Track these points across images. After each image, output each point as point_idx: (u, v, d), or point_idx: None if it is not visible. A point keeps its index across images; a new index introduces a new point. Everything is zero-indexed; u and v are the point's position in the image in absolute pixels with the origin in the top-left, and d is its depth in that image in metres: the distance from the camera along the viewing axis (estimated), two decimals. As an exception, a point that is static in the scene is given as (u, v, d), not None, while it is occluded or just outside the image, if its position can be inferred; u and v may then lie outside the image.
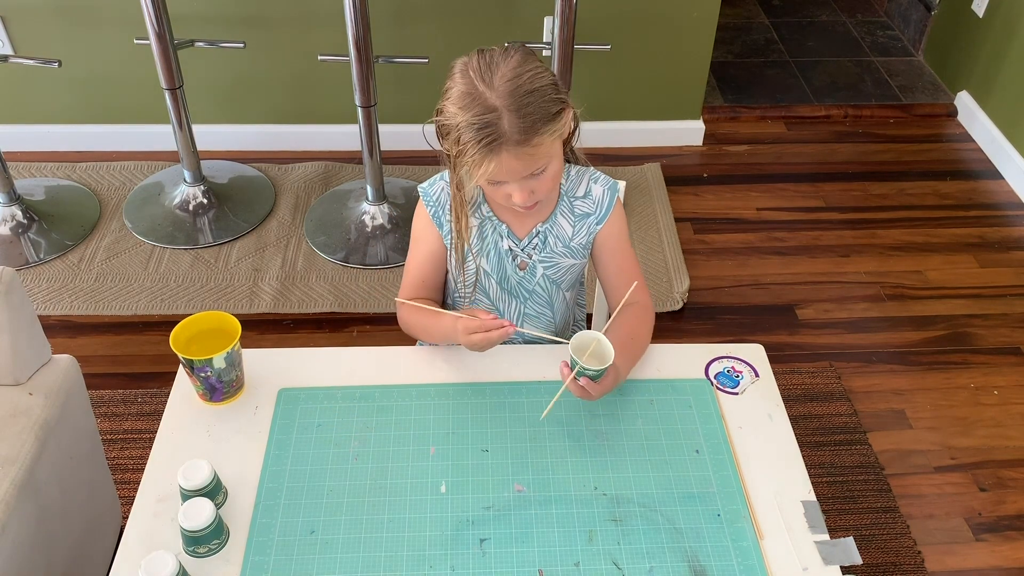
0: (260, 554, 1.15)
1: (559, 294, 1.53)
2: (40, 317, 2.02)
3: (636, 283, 1.40)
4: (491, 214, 1.44)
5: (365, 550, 1.16)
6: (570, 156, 1.46)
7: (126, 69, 2.86)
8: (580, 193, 1.45)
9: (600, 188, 1.45)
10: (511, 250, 1.46)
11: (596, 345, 1.28)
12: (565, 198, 1.45)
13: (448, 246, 1.46)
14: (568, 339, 1.30)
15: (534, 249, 1.46)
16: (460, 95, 1.25)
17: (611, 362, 1.25)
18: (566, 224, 1.45)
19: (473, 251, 1.45)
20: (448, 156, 1.33)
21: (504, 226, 1.44)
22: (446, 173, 1.44)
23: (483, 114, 1.22)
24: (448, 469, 1.25)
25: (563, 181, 1.45)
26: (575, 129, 1.39)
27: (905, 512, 2.04)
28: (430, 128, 1.32)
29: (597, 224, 1.46)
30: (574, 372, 1.26)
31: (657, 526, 1.19)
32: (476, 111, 1.23)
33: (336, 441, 1.29)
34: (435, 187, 1.45)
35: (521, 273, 1.48)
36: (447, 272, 1.52)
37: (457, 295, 1.54)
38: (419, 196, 1.47)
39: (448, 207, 1.43)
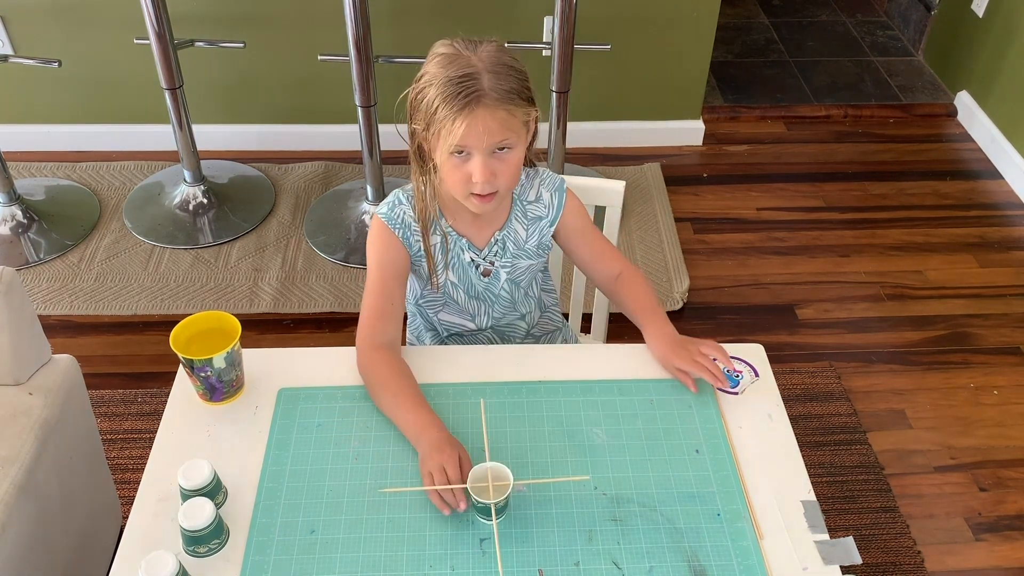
0: (260, 554, 1.15)
1: (519, 291, 1.56)
2: (40, 317, 2.02)
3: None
4: (450, 229, 1.45)
5: (365, 550, 1.16)
6: (529, 160, 1.48)
7: (126, 69, 2.86)
8: (531, 198, 1.49)
9: (548, 192, 1.49)
10: (473, 260, 1.48)
11: (492, 472, 1.18)
12: (518, 202, 1.48)
13: (417, 264, 1.46)
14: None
15: (495, 256, 1.49)
16: (441, 57, 1.28)
17: (511, 482, 1.16)
18: (520, 229, 1.49)
19: (437, 267, 1.47)
20: (415, 143, 1.35)
21: (464, 240, 1.46)
22: (400, 193, 1.44)
23: (464, 69, 1.25)
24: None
25: (515, 187, 1.47)
26: (534, 136, 1.40)
27: (905, 512, 2.04)
28: (404, 126, 1.35)
29: (550, 226, 1.50)
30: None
31: (657, 526, 1.19)
32: (457, 68, 1.26)
33: (336, 441, 1.29)
34: (396, 211, 1.43)
35: (486, 280, 1.50)
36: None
37: (423, 300, 1.55)
38: (379, 218, 1.42)
39: (414, 227, 1.43)
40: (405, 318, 1.59)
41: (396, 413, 1.30)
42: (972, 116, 3.30)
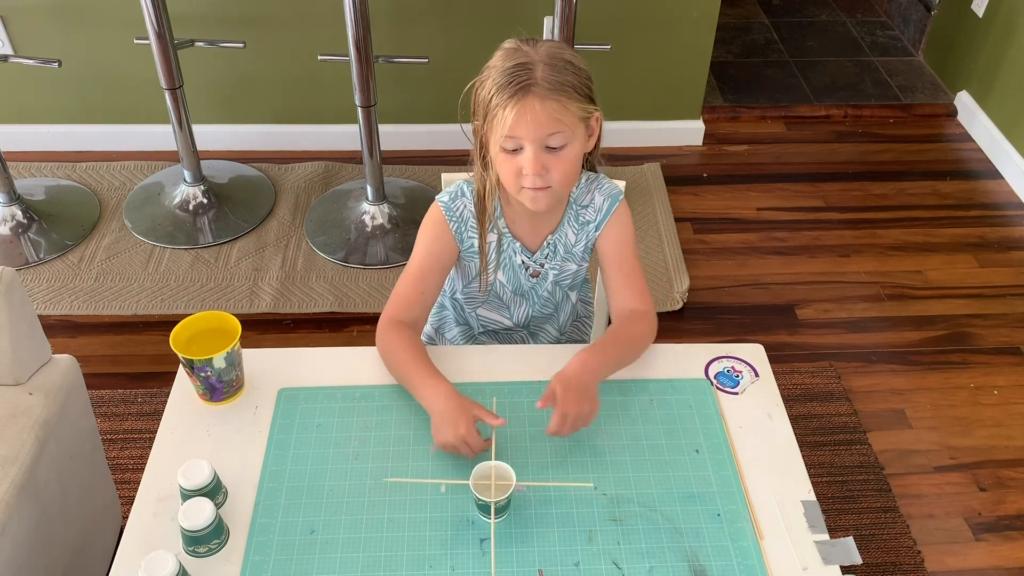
0: (260, 554, 1.15)
1: (563, 294, 1.57)
2: (40, 317, 2.02)
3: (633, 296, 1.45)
4: (506, 230, 1.46)
5: (365, 550, 1.16)
6: (592, 164, 1.48)
7: (126, 69, 2.86)
8: (586, 202, 1.47)
9: (601, 197, 1.47)
10: (524, 263, 1.49)
11: (496, 471, 1.20)
12: (573, 206, 1.47)
13: (467, 260, 1.47)
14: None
15: (546, 259, 1.49)
16: (504, 51, 1.31)
17: (513, 483, 1.17)
18: (571, 232, 1.48)
19: (489, 266, 1.47)
20: (478, 139, 1.35)
21: (517, 243, 1.47)
22: (465, 185, 1.43)
23: (520, 61, 1.27)
24: (448, 469, 1.25)
25: (573, 189, 1.45)
26: (598, 141, 1.40)
27: (905, 512, 2.04)
28: (466, 126, 1.36)
29: (595, 231, 1.47)
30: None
31: (657, 526, 1.19)
32: (515, 59, 1.28)
33: (336, 441, 1.29)
34: (457, 203, 1.43)
35: (534, 280, 1.51)
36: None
37: (464, 296, 1.55)
38: (439, 206, 1.43)
39: (471, 223, 1.43)
40: None
41: (408, 379, 1.33)
42: (972, 116, 3.30)
